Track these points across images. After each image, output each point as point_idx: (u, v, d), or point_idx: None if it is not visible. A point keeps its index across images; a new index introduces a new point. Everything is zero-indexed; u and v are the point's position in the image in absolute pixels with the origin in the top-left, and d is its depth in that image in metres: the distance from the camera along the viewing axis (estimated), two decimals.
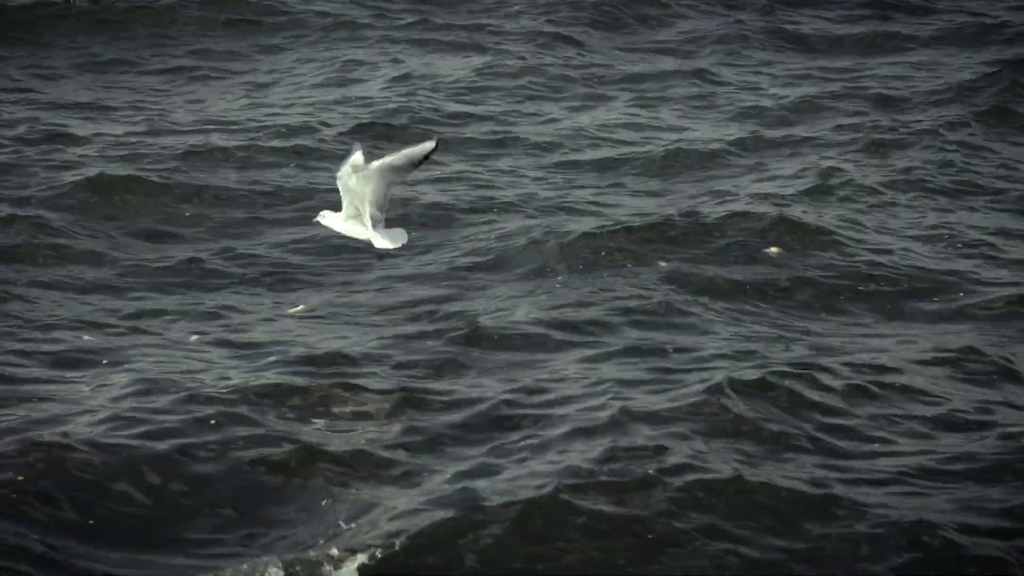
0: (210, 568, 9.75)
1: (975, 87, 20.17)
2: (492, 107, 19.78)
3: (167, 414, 11.38)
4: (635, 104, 20.13)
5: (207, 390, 11.72)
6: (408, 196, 16.18)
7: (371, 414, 11.67)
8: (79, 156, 17.59)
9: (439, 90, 20.37)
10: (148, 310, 13.77)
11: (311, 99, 20.18)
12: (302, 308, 13.91)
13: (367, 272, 14.77)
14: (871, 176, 16.93)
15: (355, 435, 11.32)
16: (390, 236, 12.65)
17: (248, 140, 18.30)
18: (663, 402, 11.49)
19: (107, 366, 12.45)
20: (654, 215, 15.68)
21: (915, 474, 10.68)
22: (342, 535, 9.97)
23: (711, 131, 18.91)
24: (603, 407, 11.43)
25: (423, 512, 10.10)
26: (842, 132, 18.73)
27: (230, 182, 17.09)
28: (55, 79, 21.00)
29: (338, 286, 14.46)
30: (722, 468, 10.47)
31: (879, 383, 11.92)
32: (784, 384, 11.66)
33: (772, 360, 12.15)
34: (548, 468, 10.56)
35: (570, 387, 11.93)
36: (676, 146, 18.18)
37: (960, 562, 9.68)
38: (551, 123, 19.26)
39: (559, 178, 17.42)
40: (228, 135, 18.53)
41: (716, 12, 24.19)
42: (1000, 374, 12.21)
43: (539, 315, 13.33)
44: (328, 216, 12.95)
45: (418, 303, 13.98)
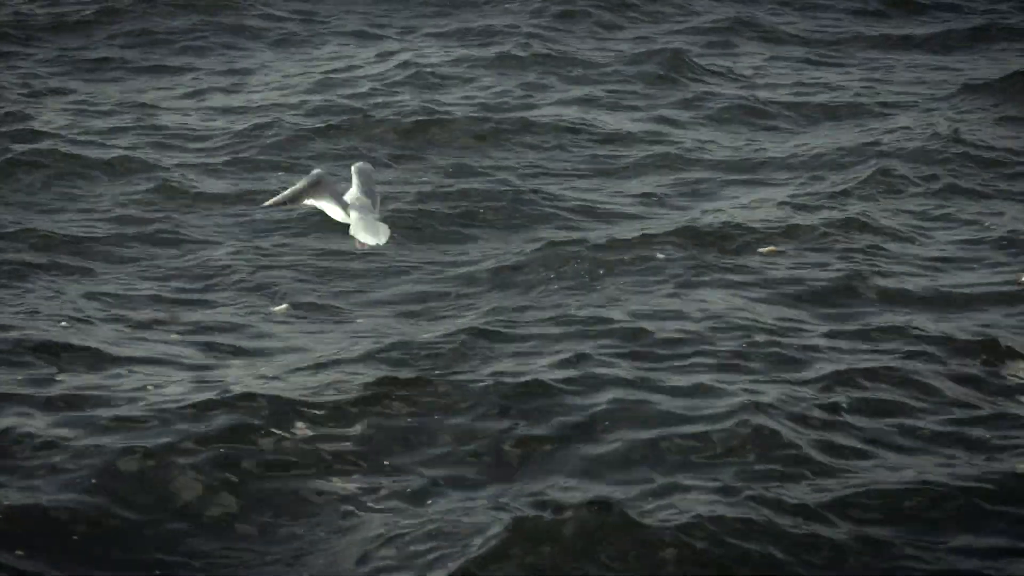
0: None
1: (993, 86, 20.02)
2: (486, 99, 19.50)
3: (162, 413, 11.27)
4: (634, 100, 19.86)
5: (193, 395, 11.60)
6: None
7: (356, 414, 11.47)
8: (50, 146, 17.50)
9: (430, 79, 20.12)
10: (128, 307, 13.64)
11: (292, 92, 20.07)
12: (285, 307, 13.71)
13: (349, 270, 14.63)
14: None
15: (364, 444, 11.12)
16: (373, 231, 12.11)
17: (230, 137, 18.25)
18: (692, 412, 11.30)
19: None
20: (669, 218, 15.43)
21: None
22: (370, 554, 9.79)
23: (718, 134, 18.63)
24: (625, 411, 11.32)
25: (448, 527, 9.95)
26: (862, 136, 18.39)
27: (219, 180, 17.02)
28: (42, 77, 20.80)
29: (321, 285, 14.29)
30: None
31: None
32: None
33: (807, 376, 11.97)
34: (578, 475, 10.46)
35: (577, 390, 11.71)
36: (682, 149, 17.91)
37: None
38: (552, 117, 18.94)
39: (554, 178, 17.19)
40: (210, 129, 18.51)
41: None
42: None
43: (538, 315, 13.17)
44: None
45: (407, 302, 13.86)
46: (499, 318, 13.11)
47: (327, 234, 14.84)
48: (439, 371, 12.02)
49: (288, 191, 11.91)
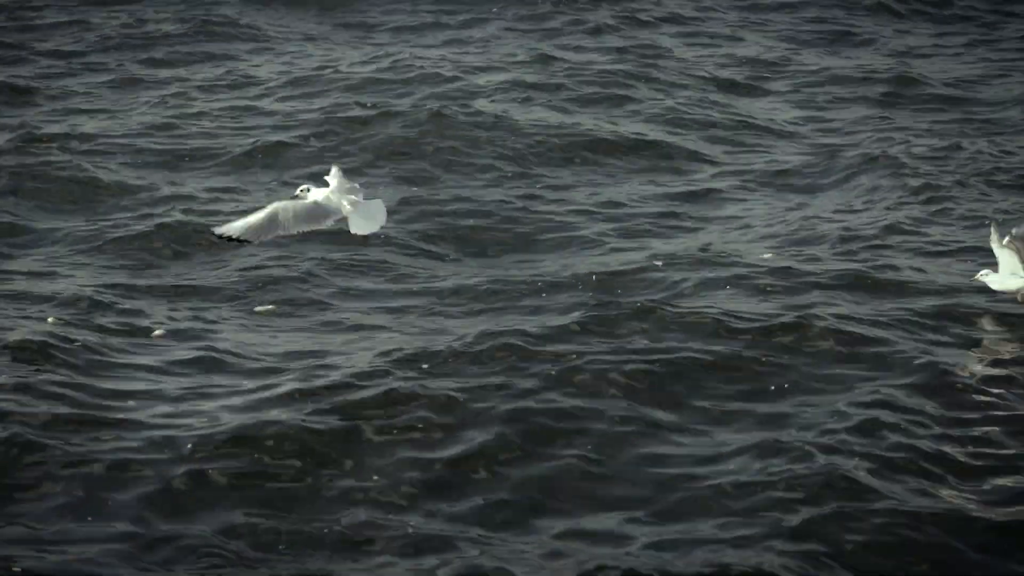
0: None
1: None
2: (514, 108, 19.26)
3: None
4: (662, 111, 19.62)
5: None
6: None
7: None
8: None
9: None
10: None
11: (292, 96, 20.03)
12: (271, 308, 13.60)
13: (337, 270, 14.51)
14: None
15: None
16: (367, 217, 11.94)
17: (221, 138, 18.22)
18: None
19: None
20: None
21: None
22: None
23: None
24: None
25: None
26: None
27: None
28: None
29: (304, 285, 14.15)
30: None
31: None
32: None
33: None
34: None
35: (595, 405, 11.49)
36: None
37: None
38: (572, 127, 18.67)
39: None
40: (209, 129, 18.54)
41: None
42: None
43: (535, 329, 12.83)
44: (313, 192, 12.15)
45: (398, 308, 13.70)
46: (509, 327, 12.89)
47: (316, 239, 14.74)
48: (443, 378, 11.78)
49: (245, 223, 11.55)
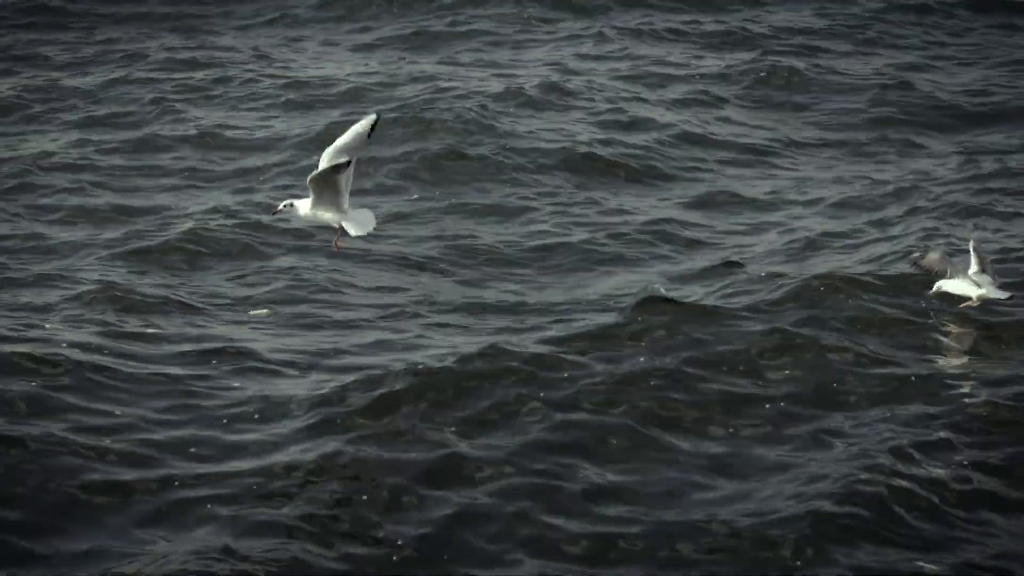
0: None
1: None
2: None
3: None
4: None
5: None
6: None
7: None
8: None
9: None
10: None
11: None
12: (265, 312, 13.71)
13: (327, 271, 14.63)
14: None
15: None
16: (361, 221, 11.97)
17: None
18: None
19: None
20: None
21: None
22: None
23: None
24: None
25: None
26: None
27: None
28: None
29: (300, 287, 14.26)
30: None
31: None
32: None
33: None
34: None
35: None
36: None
37: None
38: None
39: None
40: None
41: None
42: None
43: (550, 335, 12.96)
44: (296, 205, 12.04)
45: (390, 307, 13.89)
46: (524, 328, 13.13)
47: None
48: (448, 384, 11.91)
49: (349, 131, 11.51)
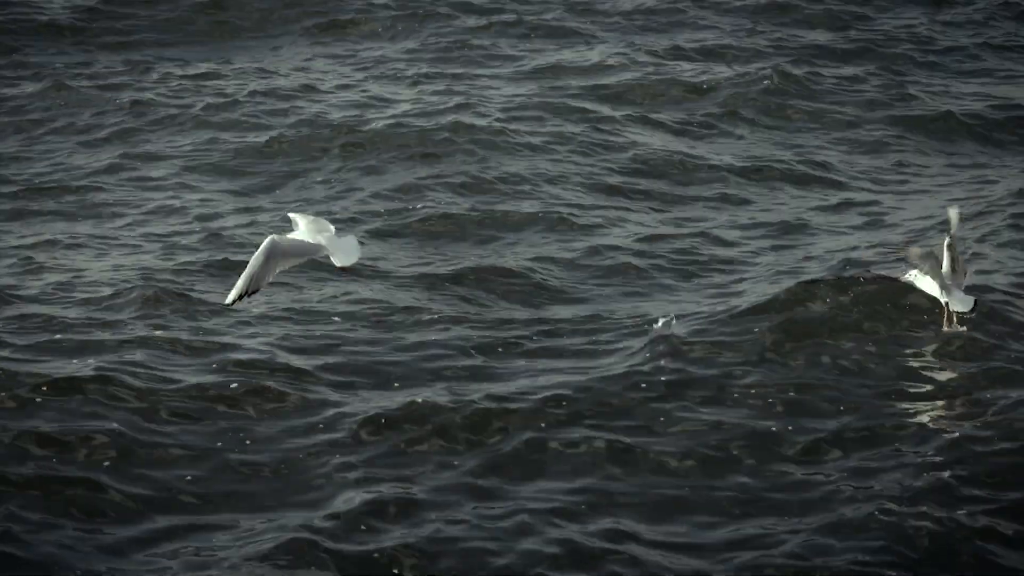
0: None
1: None
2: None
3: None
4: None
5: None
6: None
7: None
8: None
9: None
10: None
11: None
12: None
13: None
14: None
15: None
16: (347, 250, 11.98)
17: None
18: None
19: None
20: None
21: None
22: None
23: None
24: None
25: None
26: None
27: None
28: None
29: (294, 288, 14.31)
30: None
31: None
32: None
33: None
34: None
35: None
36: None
37: None
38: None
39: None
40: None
41: None
42: None
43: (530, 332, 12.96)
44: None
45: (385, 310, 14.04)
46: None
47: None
48: (451, 387, 12.04)
49: (247, 273, 11.48)
